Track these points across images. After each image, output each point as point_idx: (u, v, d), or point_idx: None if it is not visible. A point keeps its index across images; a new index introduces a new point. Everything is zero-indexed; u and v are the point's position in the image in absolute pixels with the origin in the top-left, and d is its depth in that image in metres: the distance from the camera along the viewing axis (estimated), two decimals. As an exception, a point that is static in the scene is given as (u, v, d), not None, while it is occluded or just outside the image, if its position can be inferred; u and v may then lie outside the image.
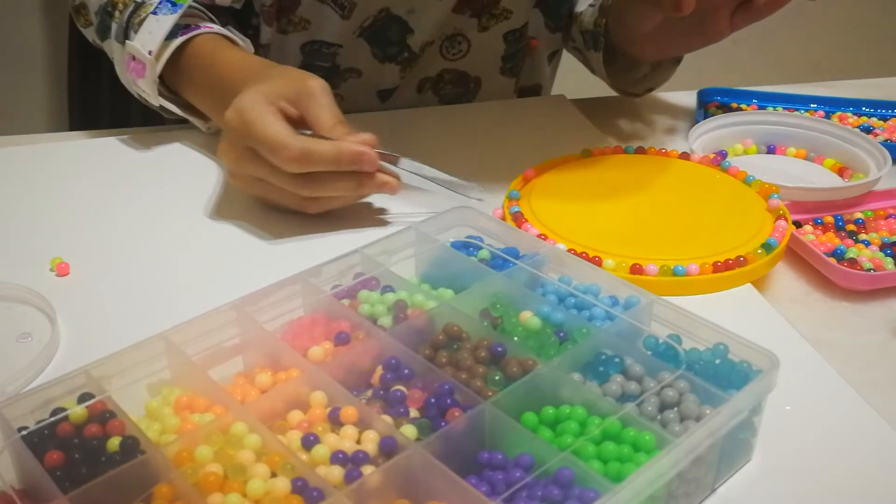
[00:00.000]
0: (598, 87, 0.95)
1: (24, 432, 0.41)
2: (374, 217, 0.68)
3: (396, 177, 0.66)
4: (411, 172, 0.67)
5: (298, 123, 0.64)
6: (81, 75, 1.20)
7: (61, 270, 0.60)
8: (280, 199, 0.65)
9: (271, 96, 0.63)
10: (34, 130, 0.87)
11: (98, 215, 0.68)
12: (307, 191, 0.63)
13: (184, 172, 0.75)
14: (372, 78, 0.88)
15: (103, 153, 0.78)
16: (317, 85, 0.65)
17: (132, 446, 0.40)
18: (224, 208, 0.69)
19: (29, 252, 0.63)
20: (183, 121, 0.79)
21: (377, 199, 0.70)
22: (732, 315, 0.58)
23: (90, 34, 0.82)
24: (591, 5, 0.90)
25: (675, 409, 0.44)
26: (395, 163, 0.67)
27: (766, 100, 0.92)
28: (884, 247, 0.66)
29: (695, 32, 0.77)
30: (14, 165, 0.76)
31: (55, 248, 0.63)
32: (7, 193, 0.71)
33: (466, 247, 0.58)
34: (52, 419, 0.41)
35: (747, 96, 0.93)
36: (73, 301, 0.57)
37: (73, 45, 1.18)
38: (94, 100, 1.19)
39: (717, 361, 0.47)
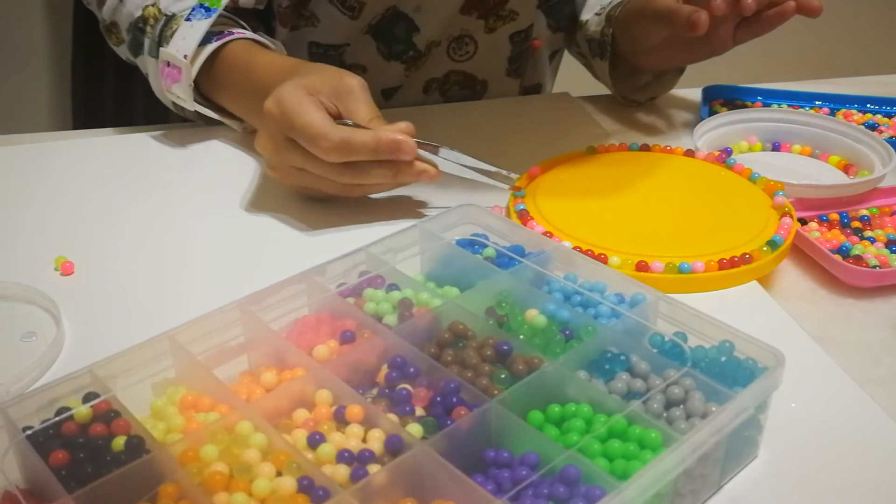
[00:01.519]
0: (600, 85, 0.94)
1: (28, 432, 0.41)
2: (379, 214, 0.68)
3: (434, 165, 0.66)
4: (451, 161, 0.67)
5: (337, 118, 0.64)
6: (85, 74, 1.20)
7: (66, 269, 0.60)
8: (321, 187, 0.66)
9: (311, 88, 0.64)
10: (38, 129, 0.87)
11: (102, 214, 0.68)
12: (346, 178, 0.64)
13: (188, 171, 0.75)
14: (376, 75, 0.88)
15: (107, 152, 0.78)
16: (355, 82, 0.66)
17: (137, 445, 0.40)
18: (228, 207, 0.69)
19: (33, 251, 0.63)
20: (211, 123, 0.79)
21: (384, 196, 0.70)
22: (738, 312, 0.57)
23: (123, 52, 0.83)
24: (596, 14, 0.90)
25: (681, 406, 0.44)
26: (434, 152, 0.66)
27: (770, 97, 0.92)
28: (889, 244, 0.66)
29: (699, 46, 0.79)
30: (18, 164, 0.76)
31: (59, 247, 0.63)
32: (11, 192, 0.71)
33: (472, 244, 0.58)
34: (57, 419, 0.42)
35: (752, 93, 0.92)
36: (77, 300, 0.57)
37: (76, 44, 1.18)
38: (98, 98, 1.19)
39: (723, 359, 0.46)
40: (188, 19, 0.73)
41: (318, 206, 0.68)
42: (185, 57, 0.72)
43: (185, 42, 0.72)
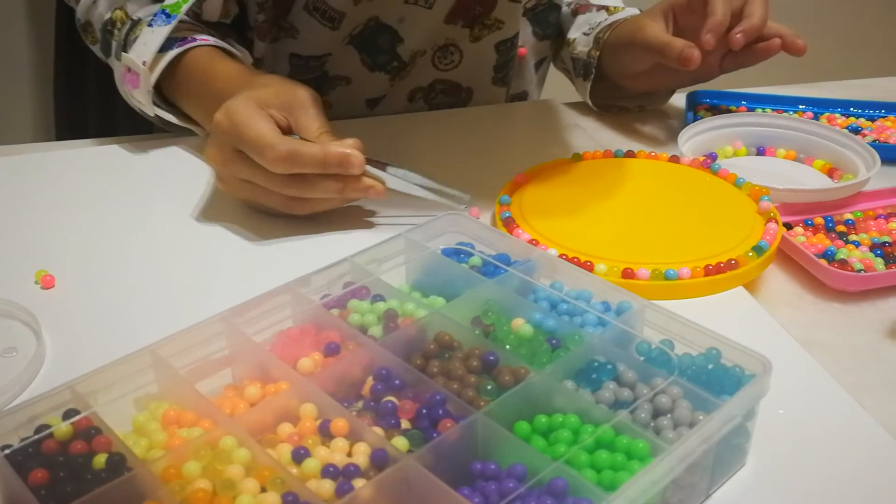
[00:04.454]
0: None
1: (7, 451, 0.40)
2: (363, 223, 0.67)
3: (382, 182, 0.66)
4: (398, 178, 0.67)
5: (287, 132, 0.65)
6: (68, 85, 1.19)
7: (46, 283, 0.60)
8: (267, 202, 0.65)
9: (261, 102, 0.64)
10: (20, 140, 0.86)
11: (83, 226, 0.68)
12: (292, 191, 0.63)
13: (170, 183, 0.74)
14: (361, 86, 0.88)
15: (88, 163, 0.78)
16: (306, 94, 0.66)
17: (118, 463, 0.40)
18: (211, 218, 0.69)
19: (13, 264, 0.62)
20: (177, 129, 0.79)
21: (367, 205, 0.70)
22: (724, 318, 0.58)
23: (98, 51, 0.83)
24: (584, 34, 0.91)
25: (669, 415, 0.43)
26: (382, 169, 0.67)
27: (755, 101, 0.92)
28: (874, 247, 0.66)
29: (685, 73, 0.81)
30: (-1, 177, 0.75)
31: (40, 260, 0.62)
32: (-8, 205, 0.71)
33: (457, 254, 0.57)
34: (37, 437, 0.41)
35: (736, 98, 0.93)
36: (58, 314, 0.57)
37: (59, 55, 1.18)
38: (81, 109, 1.19)
39: (710, 366, 0.46)
40: (150, 24, 0.73)
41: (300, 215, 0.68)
42: (144, 63, 0.72)
43: (146, 48, 0.72)
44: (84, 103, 1.17)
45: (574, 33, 0.93)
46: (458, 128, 0.87)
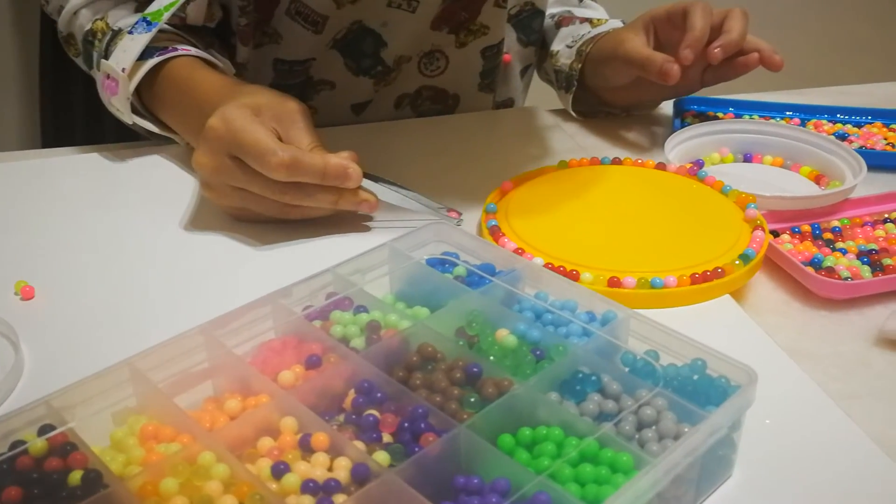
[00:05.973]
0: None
1: (-19, 468, 0.39)
2: (347, 230, 0.67)
3: (375, 196, 0.65)
4: (392, 192, 0.67)
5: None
6: (53, 93, 1.18)
7: (26, 294, 0.59)
8: (258, 208, 0.65)
9: (255, 109, 0.64)
10: (5, 148, 0.86)
11: (63, 237, 0.67)
12: (288, 198, 0.63)
13: (152, 192, 0.74)
14: (345, 90, 0.88)
15: (69, 171, 0.77)
16: (296, 107, 0.66)
17: (95, 480, 0.39)
18: (192, 229, 0.68)
19: (-7, 276, 0.61)
20: (158, 138, 0.78)
21: (352, 214, 0.69)
22: (711, 327, 0.57)
23: (81, 63, 0.83)
24: (567, 46, 0.91)
25: (653, 427, 0.43)
26: (375, 183, 0.67)
27: (742, 108, 0.92)
28: (860, 255, 0.66)
29: (666, 86, 0.81)
30: (-20, 186, 0.74)
31: (20, 270, 0.61)
32: (-29, 215, 0.70)
33: (442, 263, 0.57)
34: (11, 453, 0.40)
35: (723, 105, 0.93)
36: (37, 326, 0.56)
37: (44, 62, 1.17)
38: (67, 117, 1.18)
39: (695, 377, 0.46)
40: (130, 32, 0.73)
41: (282, 223, 0.67)
42: (123, 70, 0.71)
43: (126, 55, 0.72)
44: (70, 112, 1.16)
45: (557, 45, 0.93)
46: (445, 135, 0.87)
